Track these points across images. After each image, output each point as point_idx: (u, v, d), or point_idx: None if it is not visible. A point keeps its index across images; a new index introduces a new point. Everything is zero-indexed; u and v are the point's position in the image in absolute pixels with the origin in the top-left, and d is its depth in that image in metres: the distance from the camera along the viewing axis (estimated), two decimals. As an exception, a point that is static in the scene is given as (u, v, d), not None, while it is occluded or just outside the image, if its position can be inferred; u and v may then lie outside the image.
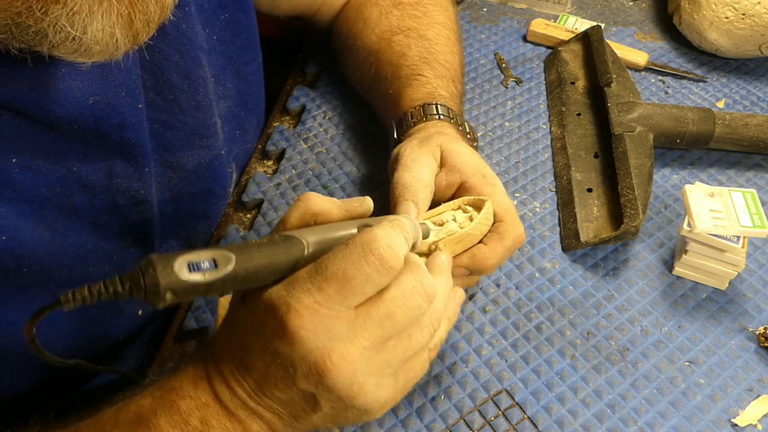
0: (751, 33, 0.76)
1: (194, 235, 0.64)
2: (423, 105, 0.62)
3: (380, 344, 0.39)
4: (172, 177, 0.58)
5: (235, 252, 0.36)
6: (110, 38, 0.37)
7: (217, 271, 0.35)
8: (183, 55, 0.54)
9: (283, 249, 0.38)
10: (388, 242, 0.38)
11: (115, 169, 0.50)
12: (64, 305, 0.34)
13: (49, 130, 0.44)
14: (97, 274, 0.51)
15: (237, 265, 0.36)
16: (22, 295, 0.46)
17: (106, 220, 0.51)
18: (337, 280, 0.37)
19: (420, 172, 0.53)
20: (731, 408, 0.53)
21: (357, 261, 0.37)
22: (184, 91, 0.55)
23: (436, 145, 0.56)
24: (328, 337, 0.37)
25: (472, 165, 0.55)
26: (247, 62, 0.65)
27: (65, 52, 0.37)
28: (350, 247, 0.38)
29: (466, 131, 0.63)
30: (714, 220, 0.56)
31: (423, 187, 0.52)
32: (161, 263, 0.34)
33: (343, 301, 0.37)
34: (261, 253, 0.37)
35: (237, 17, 0.62)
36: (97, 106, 0.46)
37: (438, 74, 0.66)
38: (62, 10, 0.34)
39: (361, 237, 0.38)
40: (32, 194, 0.45)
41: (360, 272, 0.37)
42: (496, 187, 0.54)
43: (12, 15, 0.34)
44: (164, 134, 0.55)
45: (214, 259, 0.35)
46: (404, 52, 0.68)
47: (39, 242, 0.46)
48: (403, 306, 0.39)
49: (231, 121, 0.65)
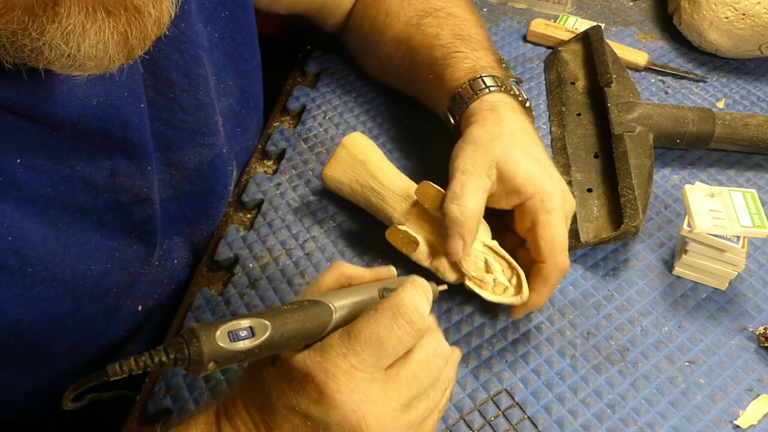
0: (751, 33, 0.76)
1: (197, 233, 0.64)
2: (469, 82, 0.61)
3: (407, 405, 0.41)
4: (174, 175, 0.58)
5: (270, 319, 0.38)
6: (104, 54, 0.37)
7: (254, 339, 0.37)
8: (183, 53, 0.54)
9: (314, 314, 0.40)
10: (415, 305, 0.40)
11: (118, 168, 0.50)
12: (111, 377, 0.34)
13: (53, 131, 0.45)
14: (99, 272, 0.52)
15: (273, 332, 0.37)
16: (26, 294, 0.46)
17: (110, 219, 0.52)
18: (371, 343, 0.39)
19: (467, 203, 0.53)
20: (731, 408, 0.53)
21: (389, 325, 0.39)
22: (185, 89, 0.55)
23: (491, 160, 0.54)
24: (363, 399, 0.39)
25: (531, 184, 0.54)
26: (247, 59, 0.65)
27: (60, 67, 0.38)
28: (380, 312, 0.40)
29: (517, 95, 0.61)
30: (714, 220, 0.56)
31: (469, 220, 0.53)
32: (204, 333, 0.35)
33: (377, 364, 0.39)
34: (294, 318, 0.39)
35: (237, 14, 0.62)
36: (100, 107, 0.46)
37: (473, 47, 0.65)
38: (57, 30, 0.35)
39: (390, 301, 0.40)
40: (36, 194, 0.45)
41: (392, 335, 0.39)
42: (551, 215, 0.53)
43: (7, 34, 0.35)
44: (165, 133, 0.55)
45: (252, 327, 0.37)
46: (437, 32, 0.67)
47: (43, 241, 0.46)
48: (427, 368, 0.41)
49: (232, 119, 0.65)
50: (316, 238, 0.64)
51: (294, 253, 0.63)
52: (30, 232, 0.45)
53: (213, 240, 0.65)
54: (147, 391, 0.55)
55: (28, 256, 0.45)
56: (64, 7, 0.35)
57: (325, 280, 0.44)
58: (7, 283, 0.45)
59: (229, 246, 0.64)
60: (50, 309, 0.48)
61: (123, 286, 0.55)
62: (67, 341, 0.52)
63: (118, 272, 0.54)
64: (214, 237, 0.66)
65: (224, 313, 0.59)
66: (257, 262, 0.63)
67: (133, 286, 0.56)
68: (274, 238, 0.64)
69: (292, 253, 0.63)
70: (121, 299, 0.55)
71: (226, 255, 0.63)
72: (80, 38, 0.36)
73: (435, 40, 0.67)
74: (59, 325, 0.50)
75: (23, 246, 0.45)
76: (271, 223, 0.66)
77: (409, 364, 0.41)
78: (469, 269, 0.56)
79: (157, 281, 0.60)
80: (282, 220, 0.66)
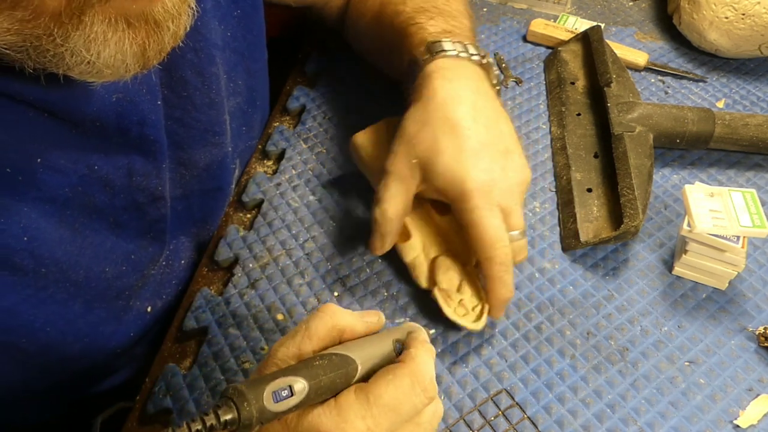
0: (751, 33, 0.76)
1: (203, 233, 0.64)
2: (409, 61, 0.60)
3: None
4: (184, 174, 0.58)
5: (304, 376, 0.39)
6: (121, 63, 0.39)
7: (294, 398, 0.38)
8: (197, 52, 0.54)
9: (343, 370, 0.41)
10: (431, 375, 0.42)
11: (135, 167, 0.50)
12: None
13: (72, 128, 0.45)
14: (114, 275, 0.52)
15: (309, 390, 0.38)
16: (39, 295, 0.46)
17: (126, 220, 0.52)
18: (390, 409, 0.40)
19: (387, 207, 0.55)
20: (731, 408, 0.53)
21: (408, 393, 0.41)
22: (198, 88, 0.55)
23: (414, 160, 0.54)
24: None
25: (451, 186, 0.53)
26: (256, 59, 0.65)
27: (78, 73, 0.39)
28: (400, 378, 0.41)
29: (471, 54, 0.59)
30: (714, 220, 0.56)
31: (388, 222, 0.55)
32: (252, 395, 0.36)
33: (390, 428, 0.40)
34: (326, 375, 0.40)
35: (248, 13, 0.62)
36: (119, 103, 0.47)
37: (431, 15, 0.62)
38: (80, 38, 0.36)
39: (408, 367, 0.42)
40: (55, 194, 0.45)
41: (409, 402, 0.41)
42: (473, 213, 0.52)
43: (31, 38, 0.35)
44: (177, 131, 0.55)
45: (291, 387, 0.38)
46: (399, 9, 0.65)
47: (59, 242, 0.46)
48: (428, 428, 0.43)
49: (239, 118, 0.65)
50: (316, 238, 0.64)
51: (294, 253, 0.63)
52: (46, 233, 0.45)
53: (213, 240, 0.65)
54: (147, 391, 0.55)
55: (43, 258, 0.45)
56: (89, 15, 0.36)
57: (318, 330, 0.43)
58: (21, 284, 0.45)
59: (228, 246, 0.64)
60: (62, 311, 0.48)
61: (135, 287, 0.55)
62: (78, 343, 0.52)
63: (132, 274, 0.54)
64: (214, 237, 0.66)
65: (224, 313, 0.59)
66: (257, 262, 0.63)
67: (144, 287, 0.56)
68: (274, 238, 0.64)
69: (292, 253, 0.63)
70: (131, 300, 0.55)
71: (226, 255, 0.63)
72: (101, 46, 0.37)
73: (396, 18, 0.65)
74: (71, 327, 0.50)
75: (39, 247, 0.45)
76: (271, 223, 0.66)
77: (414, 426, 0.42)
78: (442, 282, 0.56)
79: (165, 281, 0.60)
80: (282, 220, 0.66)
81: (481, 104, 0.55)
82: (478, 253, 0.53)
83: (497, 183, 0.53)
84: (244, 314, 0.59)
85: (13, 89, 0.41)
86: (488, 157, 0.54)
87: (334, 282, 0.61)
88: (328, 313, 0.44)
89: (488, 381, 0.55)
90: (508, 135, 0.56)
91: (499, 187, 0.53)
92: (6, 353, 0.47)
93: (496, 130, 0.55)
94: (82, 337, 0.52)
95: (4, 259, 0.43)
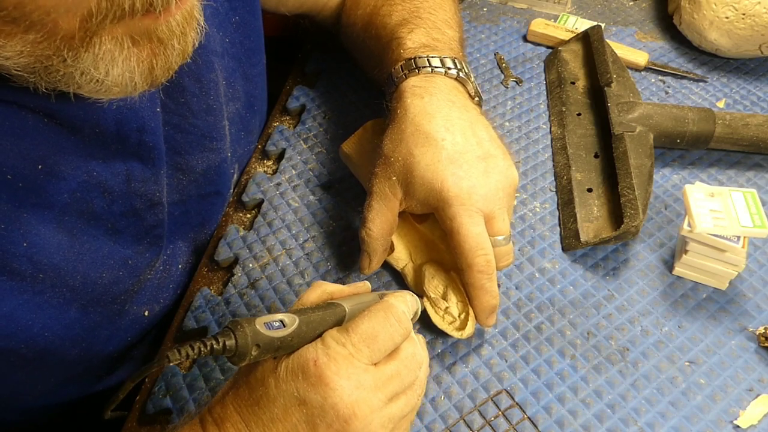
0: (751, 33, 0.76)
1: (200, 237, 0.64)
2: (387, 76, 0.60)
3: (390, 399, 0.43)
4: (181, 179, 0.58)
5: (296, 314, 0.43)
6: (129, 81, 0.40)
7: (286, 329, 0.42)
8: (196, 59, 0.54)
9: (332, 312, 0.45)
10: (403, 308, 0.46)
11: (133, 173, 0.51)
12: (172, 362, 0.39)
13: (72, 135, 0.45)
14: (111, 280, 0.52)
15: (300, 323, 0.42)
16: (37, 300, 0.46)
17: (123, 225, 0.52)
18: (367, 336, 0.43)
19: (372, 227, 0.56)
20: (731, 408, 0.53)
21: (382, 322, 0.44)
22: (196, 94, 0.55)
23: (393, 178, 0.54)
24: (356, 385, 0.41)
25: (431, 197, 0.53)
26: (254, 64, 0.65)
27: (87, 91, 0.40)
28: (374, 311, 0.44)
29: (447, 68, 0.58)
30: (714, 220, 0.56)
31: (374, 242, 0.56)
32: (246, 323, 0.40)
33: (370, 356, 0.43)
34: (315, 314, 0.44)
35: (246, 20, 0.62)
36: (119, 110, 0.47)
37: (411, 28, 0.62)
38: (89, 58, 0.37)
39: (381, 304, 0.45)
40: (54, 200, 0.45)
41: (384, 330, 0.44)
42: (453, 221, 0.52)
43: (42, 58, 0.36)
44: (175, 137, 0.55)
45: (282, 320, 0.42)
46: (385, 22, 0.65)
47: (57, 248, 0.46)
48: (408, 367, 0.45)
49: (237, 123, 0.65)
50: (316, 238, 0.64)
51: (294, 253, 0.63)
52: (45, 238, 0.45)
53: (213, 240, 0.65)
54: (147, 391, 0.55)
55: (41, 263, 0.45)
56: (99, 35, 0.36)
57: (309, 297, 0.47)
58: (19, 289, 0.45)
59: (228, 246, 0.64)
60: (58, 315, 0.48)
61: (131, 292, 0.55)
62: (76, 348, 0.52)
63: (129, 279, 0.54)
64: (214, 237, 0.66)
65: (224, 314, 0.59)
66: (257, 262, 0.63)
67: (140, 291, 0.56)
68: (273, 238, 0.64)
69: (292, 253, 0.63)
70: (127, 305, 0.55)
71: (225, 255, 0.63)
72: (109, 65, 0.38)
73: (382, 31, 0.65)
74: (68, 332, 0.50)
75: (37, 252, 0.45)
76: (271, 223, 0.66)
77: (394, 361, 0.44)
78: (429, 290, 0.56)
79: (163, 286, 0.60)
80: (282, 220, 0.66)
81: (455, 115, 0.55)
82: (458, 261, 0.53)
83: (477, 189, 0.52)
84: (244, 314, 0.59)
85: (14, 97, 0.41)
86: (466, 164, 0.53)
87: (334, 282, 0.61)
88: (316, 284, 0.48)
89: (488, 381, 0.55)
90: (488, 140, 0.55)
91: (478, 192, 0.52)
92: (4, 358, 0.47)
93: (472, 137, 0.55)
94: (79, 341, 0.52)
95: (4, 265, 0.43)
